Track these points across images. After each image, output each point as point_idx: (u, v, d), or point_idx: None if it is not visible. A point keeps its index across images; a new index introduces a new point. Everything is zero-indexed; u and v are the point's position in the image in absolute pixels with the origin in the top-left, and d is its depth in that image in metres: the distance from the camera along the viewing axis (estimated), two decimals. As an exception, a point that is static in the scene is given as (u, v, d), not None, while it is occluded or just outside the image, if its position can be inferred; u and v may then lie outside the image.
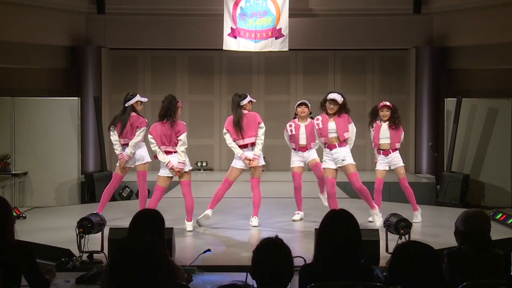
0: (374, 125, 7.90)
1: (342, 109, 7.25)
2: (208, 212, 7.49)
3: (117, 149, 7.61)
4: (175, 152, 7.20)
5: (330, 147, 7.24)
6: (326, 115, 7.27)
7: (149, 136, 7.22)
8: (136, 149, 7.63)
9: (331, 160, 7.26)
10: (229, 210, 8.33)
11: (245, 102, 7.50)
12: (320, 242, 3.23)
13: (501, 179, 10.84)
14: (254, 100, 7.71)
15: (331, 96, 7.25)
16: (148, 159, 7.75)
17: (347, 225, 3.22)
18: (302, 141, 7.89)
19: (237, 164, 7.52)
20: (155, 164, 7.85)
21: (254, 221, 7.52)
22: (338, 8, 12.49)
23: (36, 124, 10.88)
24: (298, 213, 8.02)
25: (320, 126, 7.27)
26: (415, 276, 2.63)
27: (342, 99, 7.24)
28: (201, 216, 7.45)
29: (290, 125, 8.00)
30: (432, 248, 2.74)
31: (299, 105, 7.99)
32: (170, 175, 7.29)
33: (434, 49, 12.39)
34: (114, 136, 7.61)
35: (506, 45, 11.19)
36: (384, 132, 7.81)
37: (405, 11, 12.22)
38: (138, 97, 7.66)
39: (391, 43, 12.74)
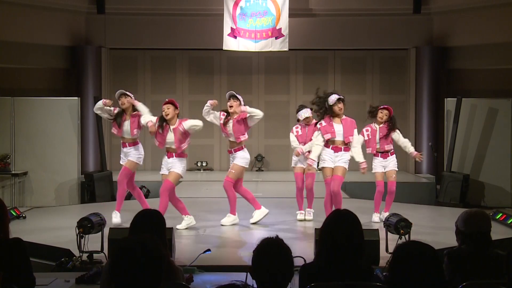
0: (369, 129, 7.82)
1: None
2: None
3: None
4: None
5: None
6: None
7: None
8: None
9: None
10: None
11: None
12: (323, 241, 3.23)
13: (501, 179, 10.83)
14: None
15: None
16: None
17: (350, 226, 3.21)
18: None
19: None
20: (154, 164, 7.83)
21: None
22: (338, 8, 12.49)
23: (36, 124, 10.86)
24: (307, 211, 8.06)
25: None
26: (415, 276, 2.63)
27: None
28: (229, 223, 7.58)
29: (297, 127, 8.06)
30: (432, 248, 2.73)
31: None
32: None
33: (434, 49, 12.38)
34: None
35: (506, 45, 11.18)
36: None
37: (405, 11, 12.22)
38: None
39: (391, 43, 12.74)
